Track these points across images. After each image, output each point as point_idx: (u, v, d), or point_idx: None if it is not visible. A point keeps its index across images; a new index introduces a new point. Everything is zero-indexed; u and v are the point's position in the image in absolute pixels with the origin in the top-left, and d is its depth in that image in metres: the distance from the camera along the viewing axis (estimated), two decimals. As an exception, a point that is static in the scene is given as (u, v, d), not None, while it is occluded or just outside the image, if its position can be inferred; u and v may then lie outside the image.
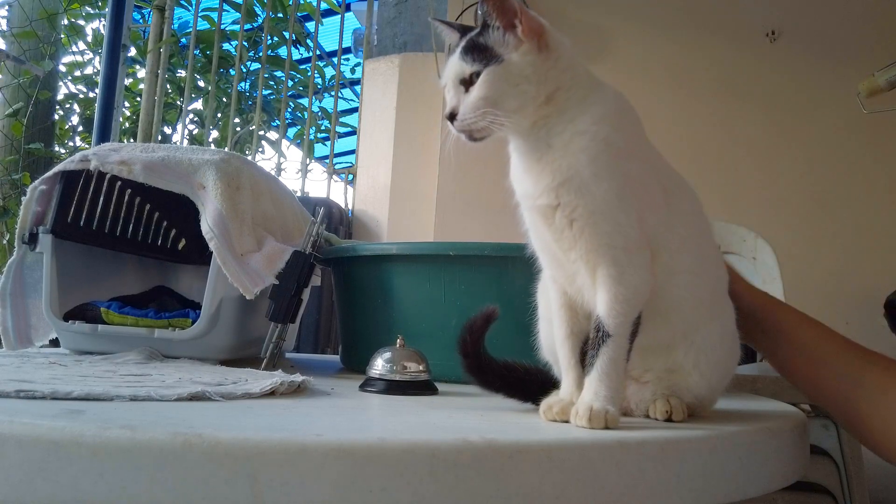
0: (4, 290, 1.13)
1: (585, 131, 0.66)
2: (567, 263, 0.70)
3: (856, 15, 2.54)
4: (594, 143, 0.66)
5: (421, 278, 1.08)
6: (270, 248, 1.09)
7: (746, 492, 0.63)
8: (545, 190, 0.67)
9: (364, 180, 2.72)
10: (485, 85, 0.67)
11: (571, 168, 0.66)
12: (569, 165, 0.66)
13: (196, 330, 1.04)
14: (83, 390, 0.64)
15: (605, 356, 0.65)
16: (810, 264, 2.32)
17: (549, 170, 0.67)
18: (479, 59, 0.68)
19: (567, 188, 0.66)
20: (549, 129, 0.68)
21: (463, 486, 0.50)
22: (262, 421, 0.60)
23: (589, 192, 0.65)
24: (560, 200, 0.67)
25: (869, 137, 2.45)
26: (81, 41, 3.45)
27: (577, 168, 0.66)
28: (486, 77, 0.67)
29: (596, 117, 0.67)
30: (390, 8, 2.89)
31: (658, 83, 2.47)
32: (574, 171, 0.66)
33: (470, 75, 0.68)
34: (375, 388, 0.85)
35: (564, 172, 0.66)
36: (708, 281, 0.73)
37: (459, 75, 0.69)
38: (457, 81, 0.69)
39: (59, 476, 0.47)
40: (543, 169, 0.67)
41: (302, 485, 0.47)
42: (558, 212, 0.67)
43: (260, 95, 2.93)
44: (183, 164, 1.08)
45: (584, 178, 0.65)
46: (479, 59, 0.68)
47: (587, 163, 0.66)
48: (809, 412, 1.47)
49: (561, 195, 0.66)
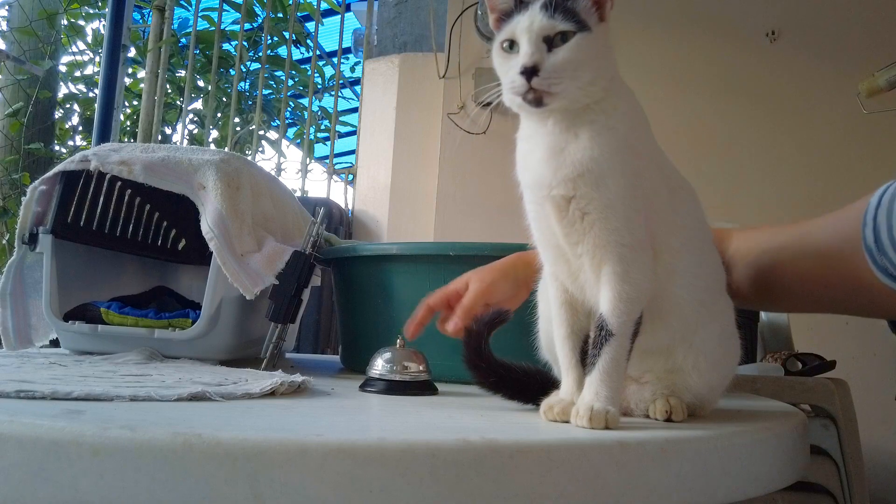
0: (4, 290, 1.13)
1: (614, 127, 0.66)
2: (573, 258, 0.70)
3: (856, 15, 2.54)
4: (619, 139, 0.66)
5: (421, 278, 1.08)
6: (270, 248, 1.09)
7: (746, 492, 0.63)
8: (563, 180, 0.66)
9: (364, 180, 2.72)
10: (577, 49, 0.64)
11: (594, 160, 0.65)
12: (592, 157, 0.65)
13: (196, 330, 1.04)
14: (83, 390, 0.64)
15: (607, 355, 0.65)
16: (810, 264, 2.32)
17: (571, 160, 0.66)
18: (568, 20, 0.65)
19: (585, 180, 0.65)
20: (581, 117, 0.67)
21: (463, 486, 0.50)
22: (262, 421, 0.60)
23: (605, 187, 0.65)
24: (576, 192, 0.66)
25: (869, 137, 2.45)
26: (81, 41, 3.45)
27: (599, 161, 0.65)
28: (579, 41, 0.65)
29: (624, 115, 0.67)
30: (390, 8, 2.89)
31: (658, 83, 2.46)
32: (596, 164, 0.65)
33: (557, 34, 0.65)
34: (375, 388, 0.85)
35: (587, 164, 0.65)
36: (707, 282, 0.73)
37: (546, 30, 0.65)
38: (540, 37, 0.65)
39: (59, 476, 0.47)
40: (566, 158, 0.66)
41: (302, 485, 0.47)
42: (572, 203, 0.67)
43: (260, 95, 2.94)
44: (183, 164, 1.08)
45: (603, 171, 0.65)
46: (569, 20, 0.65)
47: (609, 157, 0.65)
48: (809, 412, 1.48)
49: (578, 187, 0.66)
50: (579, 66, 0.65)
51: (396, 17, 2.86)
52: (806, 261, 0.87)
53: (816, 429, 1.44)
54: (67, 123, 3.44)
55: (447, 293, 0.91)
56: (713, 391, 0.75)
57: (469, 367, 0.77)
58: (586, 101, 0.67)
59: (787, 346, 1.81)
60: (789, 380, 1.54)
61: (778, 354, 1.70)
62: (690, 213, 0.74)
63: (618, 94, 0.69)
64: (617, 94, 0.69)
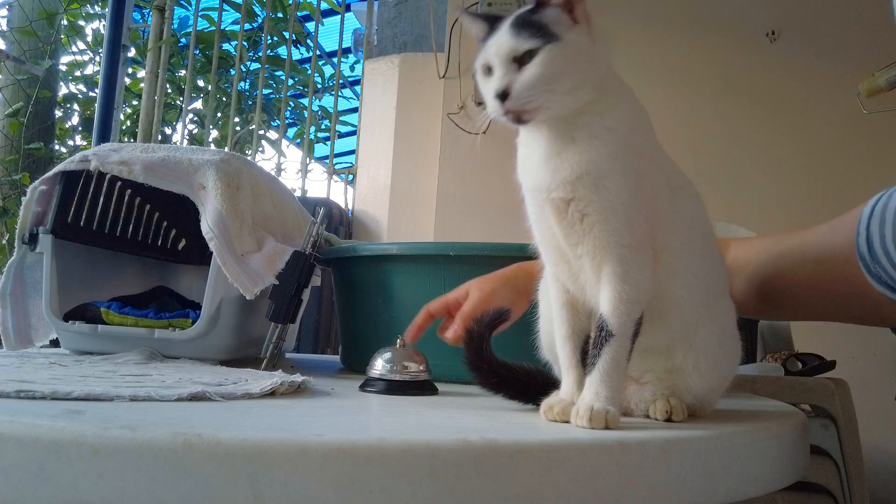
0: (5, 290, 1.13)
1: (612, 128, 0.66)
2: (573, 259, 0.70)
3: (856, 15, 2.54)
4: (617, 140, 0.66)
5: (421, 278, 1.08)
6: (270, 248, 1.09)
7: (746, 492, 0.63)
8: (562, 183, 0.66)
9: (364, 180, 2.72)
10: (545, 62, 0.64)
11: (592, 162, 0.65)
12: (590, 160, 0.65)
13: (196, 330, 1.04)
14: (83, 390, 0.64)
15: (608, 356, 0.65)
16: (810, 264, 2.32)
17: (569, 163, 0.66)
18: (535, 35, 0.65)
19: (584, 182, 0.65)
20: (575, 121, 0.67)
21: (463, 486, 0.50)
22: (262, 421, 0.60)
23: (605, 188, 0.65)
24: (575, 194, 0.66)
25: (869, 137, 2.45)
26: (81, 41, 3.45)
27: (597, 163, 0.65)
28: (546, 54, 0.64)
29: (623, 114, 0.67)
30: (390, 8, 2.89)
31: (658, 83, 2.46)
32: (594, 166, 0.65)
33: (524, 53, 0.65)
34: (375, 388, 0.85)
35: (584, 166, 0.65)
36: (708, 282, 0.73)
37: (512, 52, 0.65)
38: (509, 59, 0.65)
39: (59, 476, 0.47)
40: (563, 162, 0.67)
41: (302, 485, 0.47)
42: (572, 206, 0.67)
43: (260, 95, 2.94)
44: (183, 164, 1.08)
45: (602, 173, 0.65)
46: (535, 35, 0.65)
47: (608, 158, 0.65)
48: (809, 412, 1.48)
49: (577, 189, 0.66)
50: (552, 78, 0.65)
51: (396, 17, 2.86)
52: (805, 269, 0.87)
53: (816, 429, 1.44)
54: (67, 123, 3.44)
55: (447, 301, 0.92)
56: (713, 392, 0.75)
57: (470, 368, 0.77)
58: (576, 106, 0.66)
59: (787, 346, 1.81)
60: (789, 380, 1.54)
61: (778, 354, 1.70)
62: (692, 213, 0.74)
63: (615, 93, 0.69)
64: (614, 93, 0.68)
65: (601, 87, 0.67)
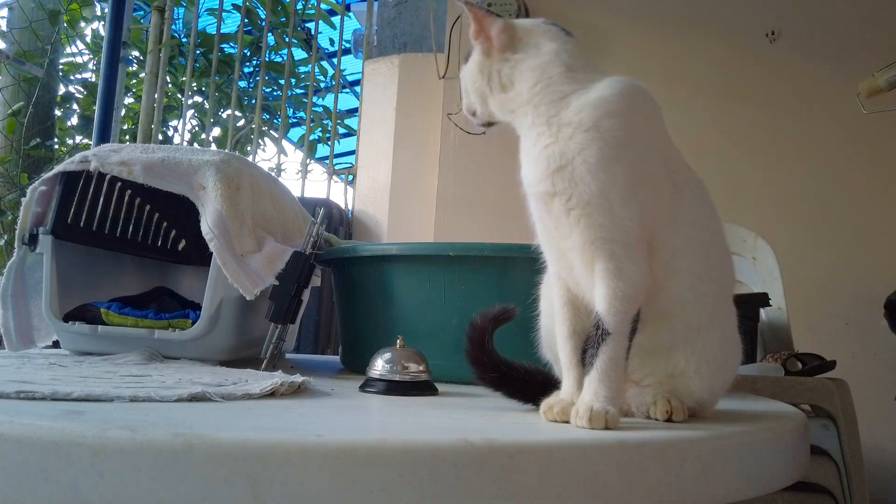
0: (5, 291, 1.13)
1: (570, 122, 0.67)
2: (568, 254, 0.70)
3: (856, 15, 2.54)
4: (584, 133, 0.66)
5: (421, 279, 1.08)
6: (270, 248, 1.09)
7: (746, 492, 0.63)
8: (542, 177, 0.68)
9: (364, 180, 2.72)
10: (463, 81, 0.78)
11: (564, 156, 0.67)
12: (561, 153, 0.67)
13: (196, 331, 1.04)
14: (83, 391, 0.64)
15: (605, 355, 0.65)
16: (810, 264, 2.32)
17: (544, 156, 0.68)
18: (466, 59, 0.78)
19: (561, 176, 0.67)
20: (552, 116, 0.69)
21: (463, 486, 0.50)
22: (262, 421, 0.60)
23: (583, 182, 0.66)
24: (556, 188, 0.67)
25: (869, 137, 2.45)
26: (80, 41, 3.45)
27: (569, 157, 0.66)
28: (461, 76, 0.78)
29: (584, 108, 0.67)
30: (390, 8, 2.89)
31: (658, 83, 2.44)
32: (567, 160, 0.66)
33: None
34: (375, 388, 0.85)
35: (557, 160, 0.67)
36: (712, 284, 0.73)
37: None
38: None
39: (60, 476, 0.47)
40: (539, 155, 0.69)
41: (302, 485, 0.47)
42: (556, 199, 0.68)
43: (260, 96, 2.93)
44: (183, 164, 1.08)
45: (576, 166, 0.66)
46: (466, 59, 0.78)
47: (577, 151, 0.66)
48: (809, 412, 1.48)
49: (556, 182, 0.67)
50: (465, 94, 0.78)
51: (396, 18, 2.86)
52: None
53: (816, 429, 1.44)
54: (67, 123, 3.43)
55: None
56: (714, 395, 0.75)
57: (471, 361, 0.77)
58: (499, 116, 0.75)
59: (787, 346, 1.81)
60: (789, 380, 1.54)
61: (778, 354, 1.70)
62: (698, 212, 0.73)
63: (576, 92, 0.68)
64: (573, 92, 0.68)
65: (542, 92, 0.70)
